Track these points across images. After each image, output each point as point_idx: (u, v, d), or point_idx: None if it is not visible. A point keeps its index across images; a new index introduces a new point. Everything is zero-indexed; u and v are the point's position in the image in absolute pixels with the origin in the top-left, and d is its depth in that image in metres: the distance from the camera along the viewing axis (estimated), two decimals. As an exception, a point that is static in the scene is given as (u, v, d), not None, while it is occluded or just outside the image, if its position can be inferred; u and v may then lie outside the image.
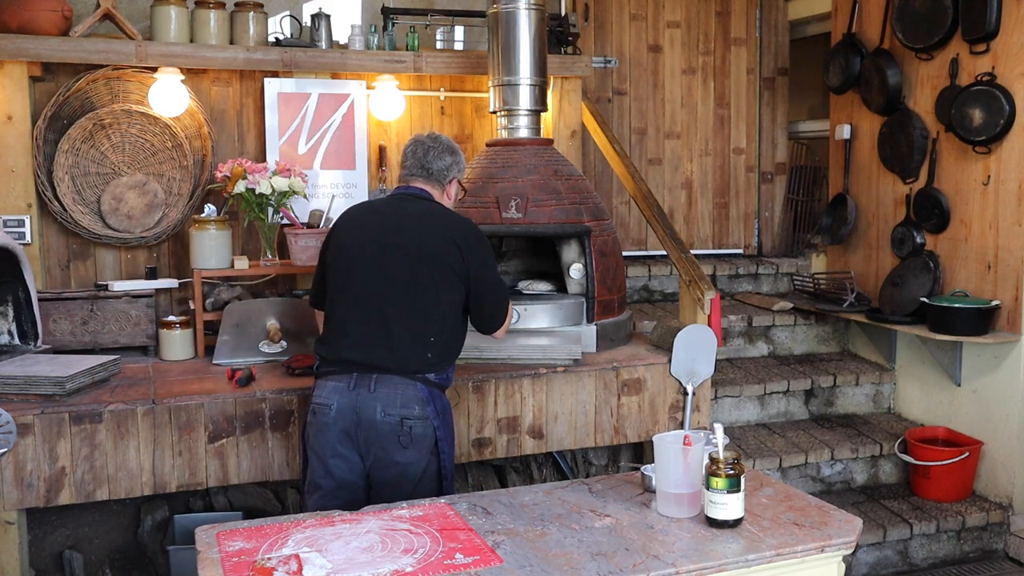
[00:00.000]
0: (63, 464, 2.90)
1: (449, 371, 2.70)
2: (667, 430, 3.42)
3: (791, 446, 4.16)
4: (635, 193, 4.18)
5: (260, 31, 4.05)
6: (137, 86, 3.90)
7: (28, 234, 3.71)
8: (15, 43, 3.60)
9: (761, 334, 4.86)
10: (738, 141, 5.59)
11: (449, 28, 4.45)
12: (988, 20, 3.89)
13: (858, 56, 4.68)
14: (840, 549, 1.98)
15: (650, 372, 3.52)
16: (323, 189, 4.19)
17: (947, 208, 4.25)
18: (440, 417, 2.62)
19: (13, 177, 3.69)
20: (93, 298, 3.59)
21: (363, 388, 2.55)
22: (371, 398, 2.54)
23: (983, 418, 4.11)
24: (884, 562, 3.86)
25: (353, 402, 2.55)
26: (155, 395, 3.03)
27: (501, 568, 1.82)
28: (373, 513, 2.09)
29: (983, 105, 3.94)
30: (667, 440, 2.08)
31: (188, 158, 3.95)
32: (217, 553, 1.89)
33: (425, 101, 4.43)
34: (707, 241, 5.58)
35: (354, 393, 2.55)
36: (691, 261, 3.73)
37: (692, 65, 5.46)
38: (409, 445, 2.55)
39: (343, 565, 1.81)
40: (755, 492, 2.22)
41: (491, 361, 3.40)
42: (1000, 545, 4.01)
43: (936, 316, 4.04)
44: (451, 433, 2.68)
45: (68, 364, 3.11)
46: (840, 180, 4.95)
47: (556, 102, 4.46)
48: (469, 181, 3.79)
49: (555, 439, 3.43)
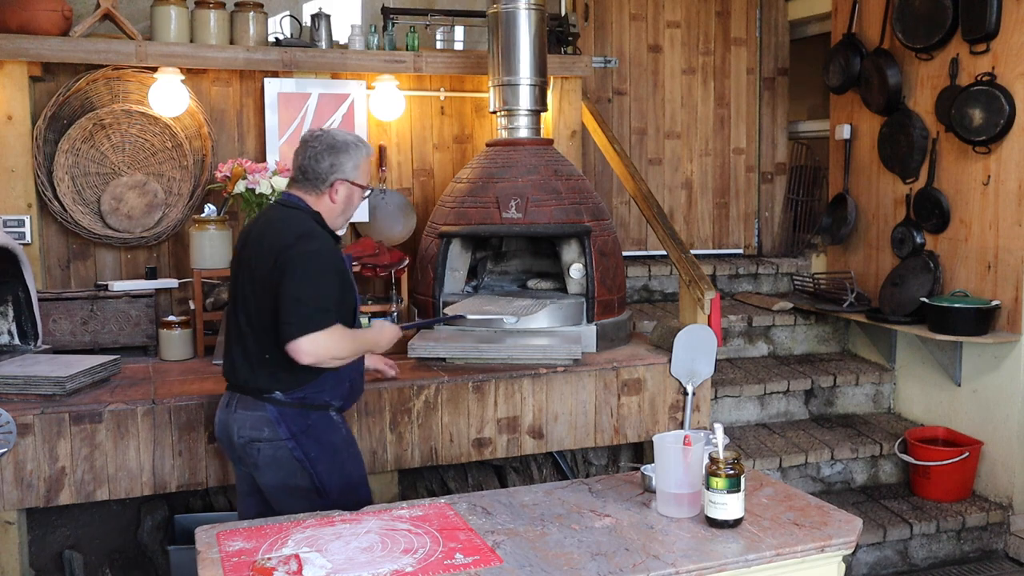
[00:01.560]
0: (63, 464, 2.90)
1: (309, 388, 2.51)
2: (667, 430, 3.42)
3: (791, 446, 4.16)
4: (635, 193, 4.18)
5: (260, 31, 4.05)
6: (137, 86, 3.90)
7: (28, 234, 3.71)
8: (15, 43, 3.60)
9: (761, 334, 4.86)
10: (738, 141, 5.59)
11: (449, 28, 4.45)
12: (988, 20, 3.89)
13: (858, 56, 4.68)
14: (840, 549, 1.98)
15: (650, 372, 3.52)
16: (323, 189, 4.18)
17: (947, 208, 4.25)
18: (298, 438, 2.49)
19: (13, 177, 3.69)
20: (93, 298, 3.59)
21: (230, 407, 2.56)
22: (233, 418, 2.55)
23: (983, 418, 4.11)
24: (884, 562, 3.86)
25: (225, 420, 2.58)
26: (155, 395, 3.03)
27: (501, 568, 1.82)
28: (373, 513, 2.09)
29: (983, 105, 3.94)
30: (667, 440, 2.08)
31: (188, 158, 3.95)
32: (217, 553, 1.89)
33: (425, 101, 4.43)
34: (707, 241, 5.58)
35: (226, 412, 2.59)
36: (691, 261, 3.73)
37: (692, 65, 5.46)
38: (261, 467, 2.52)
39: (343, 565, 1.81)
40: (755, 492, 2.22)
41: (491, 361, 3.40)
42: (1000, 545, 4.01)
43: (936, 316, 4.04)
44: (326, 451, 2.53)
45: (68, 364, 3.11)
46: (840, 180, 4.95)
47: (556, 102, 4.46)
48: (469, 181, 3.79)
49: (555, 439, 3.43)
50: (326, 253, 2.47)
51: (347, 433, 2.64)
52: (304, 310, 2.38)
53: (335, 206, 2.56)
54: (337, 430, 2.59)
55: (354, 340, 2.53)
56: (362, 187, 2.59)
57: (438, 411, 3.26)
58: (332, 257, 2.49)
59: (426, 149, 4.48)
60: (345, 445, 2.60)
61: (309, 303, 2.39)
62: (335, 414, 2.60)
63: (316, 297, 2.41)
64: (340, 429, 2.60)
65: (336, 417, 2.60)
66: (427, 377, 3.27)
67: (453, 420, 3.28)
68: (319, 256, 2.44)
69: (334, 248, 2.54)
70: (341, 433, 2.60)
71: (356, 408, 3.14)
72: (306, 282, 2.39)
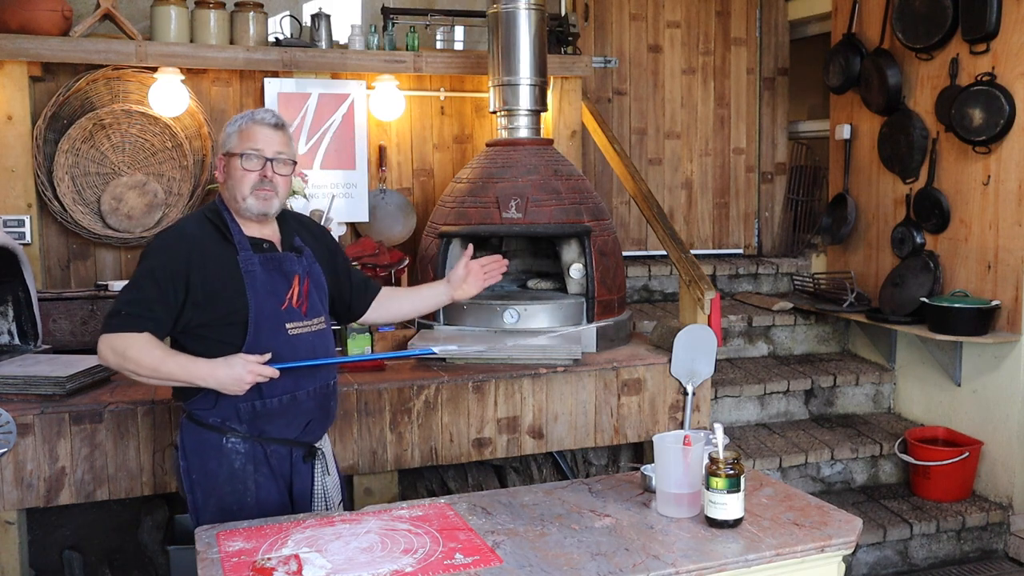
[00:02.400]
0: (63, 464, 2.90)
1: (195, 404, 2.26)
2: (667, 430, 3.42)
3: (791, 446, 4.16)
4: (635, 193, 4.18)
5: (260, 31, 4.05)
6: (137, 86, 3.90)
7: (28, 234, 3.71)
8: (15, 43, 3.60)
9: (761, 334, 4.86)
10: (738, 141, 5.59)
11: (449, 28, 4.45)
12: (988, 20, 3.89)
13: (858, 56, 4.68)
14: (840, 549, 1.98)
15: (650, 372, 3.52)
16: (323, 189, 4.19)
17: (947, 208, 4.25)
18: (186, 452, 2.28)
19: (13, 177, 3.69)
20: (93, 298, 3.59)
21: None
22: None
23: (983, 418, 4.11)
24: (884, 562, 3.86)
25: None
26: (155, 395, 3.03)
27: (501, 568, 1.82)
28: (373, 513, 2.09)
29: (983, 105, 3.94)
30: (667, 440, 2.08)
31: (188, 158, 3.95)
32: (217, 553, 1.88)
33: (425, 101, 4.43)
34: (707, 241, 5.58)
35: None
36: (691, 261, 3.73)
37: (692, 65, 5.47)
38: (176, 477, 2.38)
39: (343, 565, 1.81)
40: (755, 492, 2.22)
41: (491, 361, 3.40)
42: (1000, 545, 4.01)
43: (936, 316, 4.04)
44: (207, 477, 2.26)
45: (68, 364, 3.11)
46: (840, 180, 4.95)
47: (556, 102, 4.46)
48: (469, 181, 3.79)
49: (555, 439, 3.43)
50: (157, 250, 2.20)
51: (240, 466, 2.26)
52: (113, 307, 2.17)
53: (223, 184, 2.31)
54: (224, 459, 2.25)
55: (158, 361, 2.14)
56: (235, 154, 2.25)
57: (438, 411, 3.26)
58: (164, 256, 2.18)
59: (426, 149, 4.48)
60: (228, 479, 2.25)
61: (119, 301, 2.17)
62: (235, 440, 2.25)
63: (126, 297, 2.16)
64: (229, 459, 2.25)
65: (231, 444, 2.25)
66: (427, 377, 3.27)
67: (453, 420, 3.28)
68: (148, 254, 2.20)
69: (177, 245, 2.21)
70: (228, 463, 2.25)
71: (356, 408, 3.14)
72: (130, 280, 2.20)
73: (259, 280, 2.24)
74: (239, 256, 2.24)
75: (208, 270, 2.19)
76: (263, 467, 2.29)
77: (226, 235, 2.26)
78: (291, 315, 2.28)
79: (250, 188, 2.24)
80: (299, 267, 2.33)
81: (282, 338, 2.25)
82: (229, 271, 2.21)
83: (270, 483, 2.30)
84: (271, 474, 2.30)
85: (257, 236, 2.31)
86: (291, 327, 2.27)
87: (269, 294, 2.25)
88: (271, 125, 2.28)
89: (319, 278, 2.41)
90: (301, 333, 2.29)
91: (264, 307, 2.23)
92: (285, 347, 2.25)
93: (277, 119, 2.31)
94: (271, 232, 2.35)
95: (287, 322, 2.27)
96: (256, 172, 2.25)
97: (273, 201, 2.28)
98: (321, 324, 2.37)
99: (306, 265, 2.36)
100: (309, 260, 2.38)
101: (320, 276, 2.42)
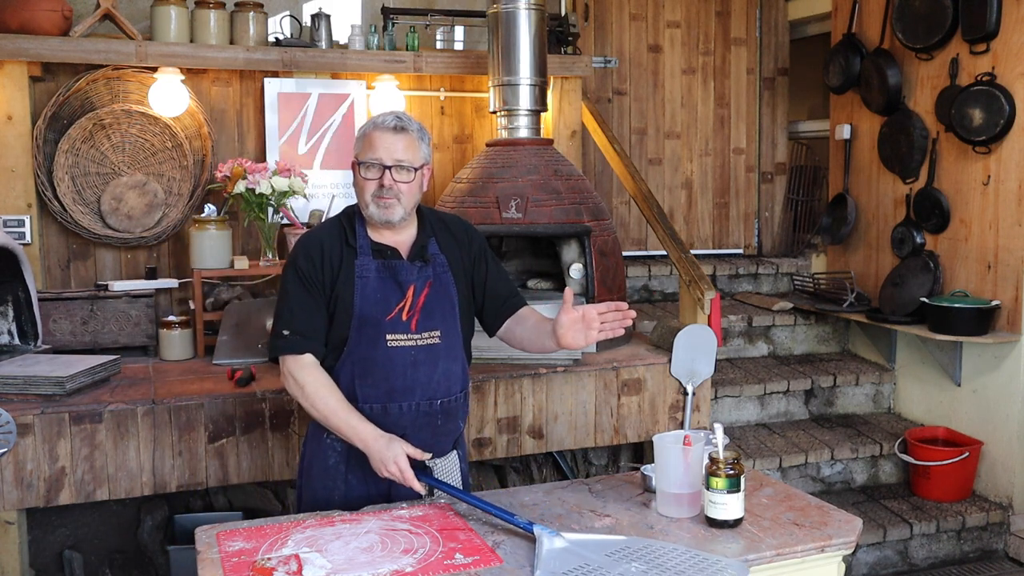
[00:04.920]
0: (63, 464, 2.90)
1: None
2: (667, 430, 3.42)
3: (791, 446, 4.16)
4: (635, 193, 4.18)
5: (260, 31, 4.05)
6: (137, 86, 3.90)
7: (28, 234, 3.71)
8: (15, 43, 3.60)
9: (761, 334, 4.86)
10: (738, 141, 5.59)
11: (449, 28, 4.45)
12: (988, 20, 3.89)
13: (858, 56, 4.68)
14: (840, 549, 1.98)
15: (650, 372, 3.52)
16: (323, 189, 4.19)
17: (947, 208, 4.25)
18: (304, 443, 2.43)
19: (13, 177, 3.69)
20: (93, 298, 3.59)
21: None
22: None
23: (983, 418, 4.11)
24: (884, 562, 3.86)
25: None
26: (155, 395, 3.03)
27: (501, 568, 1.82)
28: (373, 513, 2.09)
29: (983, 105, 3.94)
30: (667, 440, 2.08)
31: (188, 158, 3.95)
32: (217, 553, 1.88)
33: (425, 101, 4.43)
34: (707, 241, 5.58)
35: None
36: (691, 261, 3.73)
37: (692, 65, 5.47)
38: None
39: (343, 565, 1.81)
40: (755, 492, 2.22)
41: (491, 361, 3.40)
42: (1000, 545, 4.01)
43: (936, 316, 4.04)
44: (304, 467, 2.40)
45: (68, 364, 3.11)
46: (840, 180, 4.95)
47: (556, 102, 4.46)
48: (469, 181, 3.79)
49: (555, 439, 3.43)
50: (291, 262, 2.25)
51: (333, 464, 2.29)
52: (274, 326, 2.24)
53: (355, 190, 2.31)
54: (321, 453, 2.30)
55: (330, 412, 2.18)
56: (358, 162, 2.25)
57: (438, 411, 3.26)
58: (292, 266, 2.23)
59: (426, 149, 4.48)
60: (320, 473, 2.30)
61: (278, 318, 2.23)
62: (334, 438, 2.27)
63: (282, 312, 2.22)
64: (325, 454, 2.29)
65: (330, 440, 2.28)
66: (427, 377, 3.27)
67: (453, 420, 3.28)
68: (289, 262, 2.25)
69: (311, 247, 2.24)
70: (323, 458, 2.29)
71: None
72: (279, 291, 2.26)
73: (370, 287, 2.22)
74: (356, 260, 2.23)
75: (336, 272, 2.21)
76: (357, 469, 2.26)
77: (350, 239, 2.25)
78: (395, 326, 2.22)
79: (371, 196, 2.21)
80: (418, 277, 2.26)
81: (380, 348, 2.21)
82: (348, 275, 2.22)
83: (363, 485, 2.28)
84: (364, 477, 2.26)
85: (383, 242, 2.27)
86: (391, 338, 2.21)
87: (377, 302, 2.21)
88: (392, 129, 2.21)
89: (447, 288, 2.30)
90: (402, 346, 2.22)
91: (368, 315, 2.20)
92: (382, 358, 2.21)
93: (399, 121, 2.23)
94: (404, 239, 2.29)
95: (388, 333, 2.21)
96: (375, 180, 2.20)
97: (395, 209, 2.21)
98: (435, 339, 2.26)
99: (430, 275, 2.27)
100: (440, 269, 2.30)
101: (450, 286, 2.31)
